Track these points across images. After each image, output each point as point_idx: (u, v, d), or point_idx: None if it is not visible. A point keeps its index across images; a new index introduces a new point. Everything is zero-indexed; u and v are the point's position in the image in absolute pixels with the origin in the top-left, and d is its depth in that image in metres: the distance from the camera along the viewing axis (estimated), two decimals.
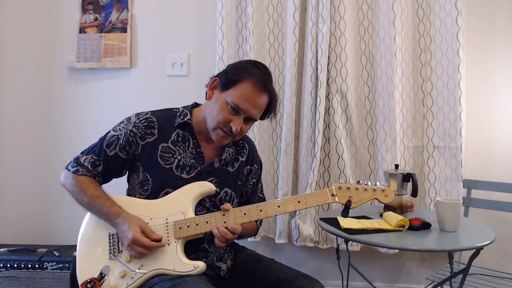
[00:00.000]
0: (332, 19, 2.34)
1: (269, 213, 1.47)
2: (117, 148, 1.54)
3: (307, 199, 1.47)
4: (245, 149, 1.68)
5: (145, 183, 1.54)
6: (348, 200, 1.47)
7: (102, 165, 1.55)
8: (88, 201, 1.51)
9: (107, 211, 1.47)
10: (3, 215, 2.71)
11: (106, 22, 2.60)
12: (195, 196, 1.50)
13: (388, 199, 1.49)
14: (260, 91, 1.49)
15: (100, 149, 1.55)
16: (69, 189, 1.56)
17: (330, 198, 1.47)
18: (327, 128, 2.41)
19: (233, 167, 1.63)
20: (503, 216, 2.31)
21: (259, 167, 1.75)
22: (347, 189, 1.48)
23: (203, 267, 1.43)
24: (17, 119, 2.69)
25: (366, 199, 1.48)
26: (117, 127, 1.58)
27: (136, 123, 1.55)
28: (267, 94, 1.51)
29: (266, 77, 1.51)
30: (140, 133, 1.54)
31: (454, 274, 1.83)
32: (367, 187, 1.48)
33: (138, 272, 1.43)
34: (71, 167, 1.57)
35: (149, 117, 1.57)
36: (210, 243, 1.56)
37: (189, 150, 1.57)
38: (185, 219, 1.47)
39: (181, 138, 1.57)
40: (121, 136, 1.54)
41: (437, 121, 2.35)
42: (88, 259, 1.51)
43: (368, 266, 2.51)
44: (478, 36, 2.39)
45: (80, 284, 1.46)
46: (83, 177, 1.55)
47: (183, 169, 1.54)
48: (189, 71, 2.56)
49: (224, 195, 1.59)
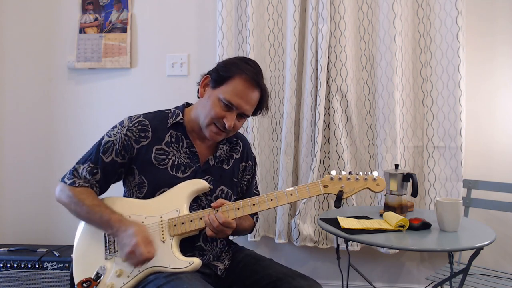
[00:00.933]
0: (332, 19, 2.34)
1: (262, 207, 1.47)
2: (114, 153, 1.53)
3: (299, 191, 1.47)
4: (238, 145, 1.69)
5: (141, 185, 1.54)
6: (340, 190, 1.48)
7: (100, 172, 1.53)
8: (87, 210, 1.48)
9: (107, 218, 1.45)
10: (3, 215, 2.71)
11: (106, 22, 2.60)
12: (189, 194, 1.51)
13: (380, 188, 1.50)
14: (252, 86, 1.50)
15: (97, 156, 1.54)
16: (65, 202, 1.53)
17: (322, 189, 1.48)
18: (327, 128, 2.41)
19: (228, 165, 1.64)
20: (503, 216, 2.31)
21: (254, 164, 1.75)
22: (338, 180, 1.49)
23: (198, 263, 1.44)
24: (17, 119, 2.69)
25: (357, 188, 1.49)
26: (110, 132, 1.57)
27: (130, 126, 1.55)
28: (259, 90, 1.53)
29: (257, 73, 1.53)
30: (135, 136, 1.54)
31: (454, 274, 1.83)
32: (358, 177, 1.49)
33: (134, 270, 1.44)
34: (67, 179, 1.54)
35: (142, 120, 1.56)
36: (206, 241, 1.56)
37: (183, 150, 1.57)
38: (179, 216, 1.48)
39: (175, 139, 1.57)
40: (116, 141, 1.53)
41: (437, 121, 2.35)
42: (84, 259, 1.51)
43: (368, 266, 2.51)
44: (478, 36, 2.39)
45: (77, 283, 1.46)
46: (81, 188, 1.52)
47: (178, 169, 1.55)
48: (189, 71, 2.57)
49: (220, 193, 1.60)
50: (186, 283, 1.35)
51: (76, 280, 1.48)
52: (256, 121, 2.43)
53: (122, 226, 1.43)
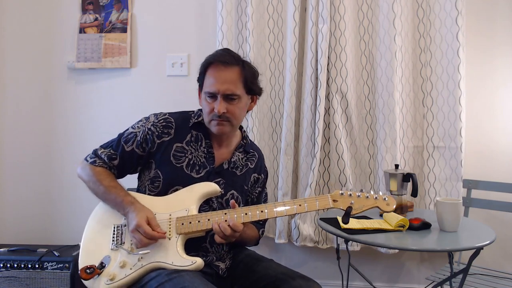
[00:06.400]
0: (332, 19, 2.34)
1: (269, 215, 1.49)
2: (134, 144, 1.60)
3: (308, 204, 1.48)
4: (254, 157, 1.73)
5: (155, 179, 1.59)
6: (349, 206, 1.48)
7: (118, 159, 1.61)
8: (104, 191, 1.55)
9: (121, 200, 1.52)
10: (3, 215, 2.71)
11: (106, 22, 2.60)
12: (200, 196, 1.54)
13: (390, 208, 1.49)
14: (221, 67, 1.55)
15: (118, 144, 1.62)
16: (85, 179, 1.61)
17: (332, 203, 1.49)
18: (327, 128, 2.41)
19: (241, 171, 1.67)
20: (503, 216, 2.31)
21: (265, 177, 1.79)
22: (348, 196, 1.49)
23: (201, 263, 1.44)
24: (17, 119, 2.68)
25: (367, 206, 1.49)
26: (135, 125, 1.64)
27: (155, 122, 1.62)
28: (233, 66, 1.56)
29: (224, 54, 1.59)
30: (158, 131, 1.60)
31: (454, 274, 1.83)
32: (368, 195, 1.49)
33: (137, 263, 1.46)
34: (89, 158, 1.62)
35: (167, 118, 1.63)
36: (212, 243, 1.57)
37: (201, 150, 1.62)
38: (187, 216, 1.50)
39: (195, 138, 1.63)
40: (139, 134, 1.61)
41: (437, 121, 2.35)
42: (91, 247, 1.55)
43: (368, 266, 2.51)
44: (478, 36, 2.39)
45: (80, 269, 1.49)
46: (100, 168, 1.60)
47: (193, 168, 1.59)
48: (189, 71, 2.56)
49: (231, 197, 1.63)
50: (188, 281, 1.36)
51: (81, 265, 1.50)
52: (256, 121, 2.43)
53: (132, 207, 1.50)
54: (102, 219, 1.58)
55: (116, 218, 1.55)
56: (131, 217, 1.48)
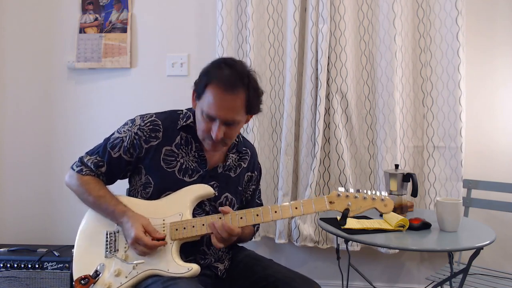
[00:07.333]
0: (332, 19, 2.34)
1: (265, 218, 1.46)
2: (121, 150, 1.53)
3: (305, 206, 1.45)
4: (247, 155, 1.68)
5: (147, 185, 1.54)
6: (346, 208, 1.45)
7: (106, 166, 1.55)
8: (93, 201, 1.52)
9: (112, 210, 1.48)
10: (3, 215, 2.71)
11: (106, 22, 2.60)
12: (193, 198, 1.50)
13: (387, 209, 1.47)
14: (226, 92, 1.41)
15: (104, 150, 1.55)
16: (73, 189, 1.56)
17: (328, 206, 1.45)
18: (327, 128, 2.41)
19: (235, 173, 1.63)
20: (503, 216, 2.31)
21: (259, 174, 1.75)
22: (345, 197, 1.46)
23: (197, 270, 1.42)
24: (17, 119, 2.68)
25: (364, 208, 1.46)
26: (121, 129, 1.56)
27: (141, 125, 1.53)
28: (239, 91, 1.42)
29: (231, 75, 1.43)
30: (145, 136, 1.53)
31: (454, 274, 1.83)
32: (366, 196, 1.46)
33: (132, 271, 1.43)
34: (76, 167, 1.56)
35: (154, 120, 1.55)
36: (210, 245, 1.55)
37: (192, 154, 1.56)
38: (182, 221, 1.47)
39: (184, 141, 1.56)
40: (125, 139, 1.53)
41: (437, 121, 2.35)
42: (84, 256, 1.51)
43: (368, 266, 2.51)
44: (478, 36, 2.39)
45: (75, 280, 1.46)
46: (88, 177, 1.54)
47: (185, 173, 1.54)
48: (189, 71, 2.56)
49: (225, 200, 1.59)
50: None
51: (75, 276, 1.48)
52: (256, 121, 2.43)
53: (126, 217, 1.45)
54: (94, 226, 1.54)
55: (108, 224, 1.51)
56: (127, 228, 1.44)
